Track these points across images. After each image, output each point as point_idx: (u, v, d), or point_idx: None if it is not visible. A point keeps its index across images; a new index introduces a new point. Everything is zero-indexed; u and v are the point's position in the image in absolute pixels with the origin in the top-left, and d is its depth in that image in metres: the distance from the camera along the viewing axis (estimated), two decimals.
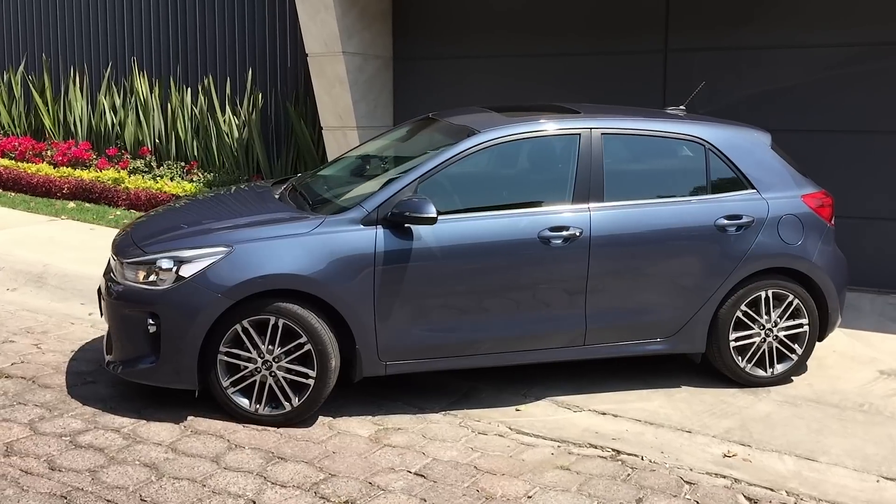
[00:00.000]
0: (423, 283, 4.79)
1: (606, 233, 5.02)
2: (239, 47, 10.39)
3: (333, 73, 8.64)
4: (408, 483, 4.18)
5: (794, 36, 7.50)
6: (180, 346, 4.57)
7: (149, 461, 4.24)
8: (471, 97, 8.88)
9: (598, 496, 4.13)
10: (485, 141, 5.00)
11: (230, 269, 4.57)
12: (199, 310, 4.53)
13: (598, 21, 8.29)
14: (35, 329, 6.18)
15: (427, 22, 9.08)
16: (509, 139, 5.06)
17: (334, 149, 8.97)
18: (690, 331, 5.26)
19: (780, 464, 4.54)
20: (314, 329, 4.64)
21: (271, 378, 4.67)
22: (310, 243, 4.68)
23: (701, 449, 4.68)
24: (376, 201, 4.79)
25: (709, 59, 7.86)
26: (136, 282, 4.70)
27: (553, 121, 5.23)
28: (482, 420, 4.96)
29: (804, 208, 5.40)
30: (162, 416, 4.74)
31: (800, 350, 5.44)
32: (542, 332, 5.03)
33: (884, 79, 7.21)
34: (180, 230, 4.93)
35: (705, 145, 5.34)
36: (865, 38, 7.25)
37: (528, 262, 4.94)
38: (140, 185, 9.93)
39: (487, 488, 4.16)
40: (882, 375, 5.68)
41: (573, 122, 5.22)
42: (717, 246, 5.19)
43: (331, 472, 4.25)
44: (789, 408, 5.17)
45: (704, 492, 4.21)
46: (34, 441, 4.39)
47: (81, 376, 5.28)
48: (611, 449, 4.64)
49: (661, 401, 5.24)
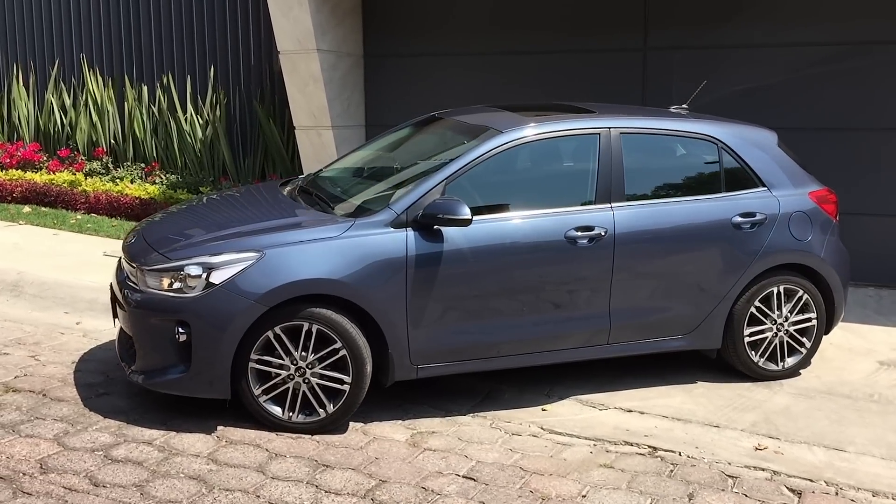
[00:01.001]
0: (454, 285, 4.75)
1: (629, 231, 5.06)
2: (199, 43, 10.12)
3: (307, 71, 8.49)
4: (460, 487, 4.13)
5: (773, 34, 7.69)
6: (212, 354, 4.42)
7: (193, 473, 4.10)
8: (445, 95, 8.85)
9: (650, 493, 4.16)
10: (510, 140, 4.98)
11: (263, 275, 4.44)
12: (232, 317, 4.39)
13: (577, 19, 8.34)
14: (25, 340, 5.91)
15: (398, 18, 9.01)
16: (534, 138, 5.06)
17: (308, 149, 8.83)
18: (708, 327, 5.34)
19: (811, 455, 4.65)
20: (349, 334, 4.55)
21: (305, 385, 4.56)
22: (342, 247, 4.58)
23: (732, 443, 4.76)
24: (405, 203, 4.72)
25: (688, 57, 7.99)
26: (160, 289, 4.53)
27: (573, 120, 5.25)
28: (512, 421, 4.95)
29: (812, 205, 5.54)
30: (190, 427, 4.58)
31: (808, 343, 5.58)
32: (568, 331, 5.04)
33: (860, 77, 7.45)
34: (204, 235, 4.77)
35: (718, 144, 5.43)
36: (842, 37, 7.48)
37: (555, 262, 4.94)
38: (99, 188, 9.58)
39: (540, 489, 4.15)
40: (882, 366, 5.86)
41: (592, 121, 5.24)
42: (733, 243, 5.29)
43: (381, 478, 4.18)
44: (805, 400, 5.30)
45: (749, 485, 4.28)
46: (67, 457, 4.19)
47: (93, 388, 5.07)
48: (647, 446, 4.68)
49: (681, 397, 5.31)
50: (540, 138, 5.09)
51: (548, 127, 5.12)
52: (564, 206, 5.03)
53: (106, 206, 9.43)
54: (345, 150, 8.86)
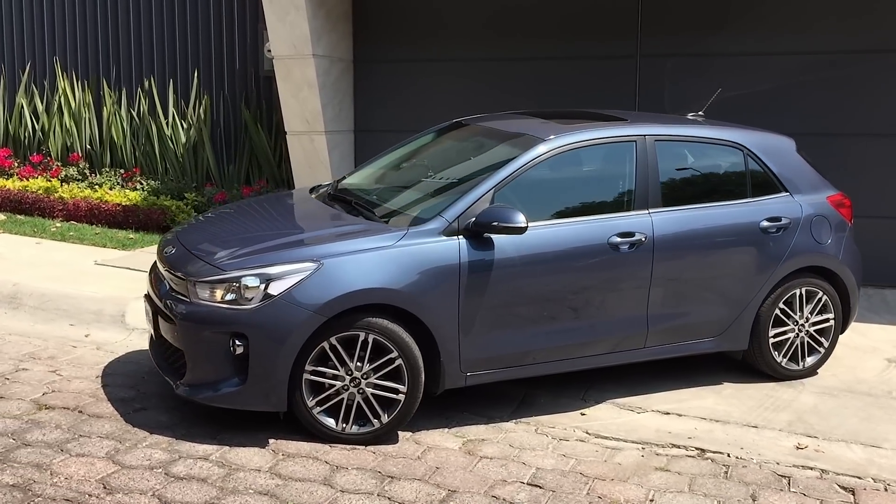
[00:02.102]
0: (503, 293, 4.77)
1: (666, 237, 5.15)
2: (181, 47, 9.93)
3: (302, 77, 8.41)
4: (529, 494, 4.16)
5: (762, 43, 7.89)
6: (270, 367, 4.36)
7: (262, 489, 4.04)
8: (434, 101, 8.87)
9: (714, 495, 4.24)
10: (554, 148, 5.03)
11: (321, 285, 4.40)
12: (291, 329, 4.34)
13: (570, 26, 8.43)
14: (39, 354, 5.74)
15: (388, 24, 8.98)
16: (575, 146, 5.11)
17: (299, 154, 8.74)
18: (736, 329, 5.47)
19: (850, 452, 4.79)
20: (405, 343, 4.54)
21: (359, 395, 4.53)
22: (396, 256, 4.57)
23: (773, 443, 4.88)
24: (456, 211, 4.72)
25: (680, 64, 8.15)
26: (212, 301, 4.45)
27: (610, 128, 5.33)
28: (556, 426, 4.99)
29: (830, 209, 5.72)
30: (242, 441, 4.51)
31: (826, 343, 5.75)
32: (609, 336, 5.11)
33: (848, 85, 7.70)
34: (252, 244, 4.69)
35: (744, 150, 5.57)
36: (828, 46, 7.72)
37: (599, 269, 5.01)
38: (77, 195, 9.34)
39: (608, 494, 4.20)
40: (891, 364, 6.07)
41: (628, 129, 5.33)
42: (761, 247, 5.42)
43: (448, 487, 4.17)
44: (830, 399, 5.46)
45: (804, 484, 4.39)
46: (127, 475, 4.09)
47: (128, 403, 4.95)
48: (694, 448, 4.77)
49: (713, 398, 5.42)
50: (581, 146, 5.14)
51: (588, 135, 5.18)
52: (605, 213, 5.10)
53: (86, 213, 9.18)
54: (336, 155, 8.82)
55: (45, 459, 4.20)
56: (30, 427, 4.56)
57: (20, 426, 4.57)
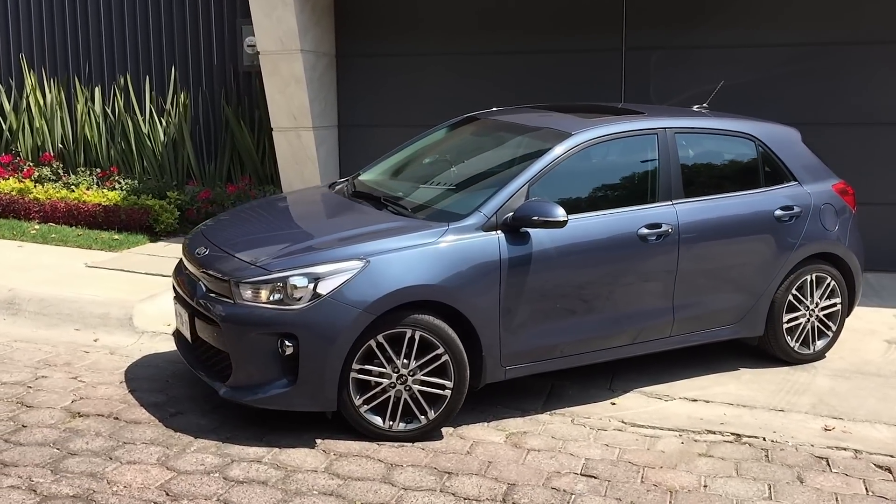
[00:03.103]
0: (541, 286, 4.82)
1: (690, 227, 5.25)
2: (155, 43, 9.74)
3: (289, 72, 8.32)
4: (587, 485, 4.22)
5: (744, 36, 8.08)
6: (321, 367, 4.34)
7: (326, 489, 4.02)
8: (419, 95, 8.88)
9: (763, 479, 4.35)
10: (583, 142, 5.09)
11: (369, 283, 4.39)
12: (341, 328, 4.32)
13: (555, 19, 8.50)
14: (53, 361, 5.60)
15: (370, 18, 8.94)
16: (602, 140, 5.18)
17: (286, 151, 8.66)
18: (753, 315, 5.61)
19: (876, 432, 4.96)
20: (451, 339, 4.56)
21: (406, 392, 4.54)
22: (440, 252, 4.58)
23: (802, 425, 5.02)
24: (493, 206, 4.75)
25: (665, 57, 8.30)
26: (257, 302, 4.40)
27: (633, 121, 5.41)
28: (591, 417, 5.06)
29: (836, 197, 5.90)
30: (290, 442, 4.48)
31: (834, 327, 5.94)
32: (640, 325, 5.20)
33: (825, 75, 7.93)
34: (293, 244, 4.65)
35: (756, 141, 5.71)
36: (808, 39, 7.94)
37: (630, 260, 5.09)
38: (53, 196, 9.08)
39: (662, 482, 4.28)
40: (891, 345, 6.29)
41: (650, 121, 5.42)
42: (776, 235, 5.57)
43: (507, 481, 4.21)
44: (844, 381, 5.64)
45: (843, 465, 4.54)
46: (186, 481, 4.03)
47: (162, 408, 4.87)
48: (729, 433, 4.89)
49: (734, 384, 5.55)
50: (607, 139, 5.21)
51: (613, 128, 5.25)
52: (632, 205, 5.18)
53: (64, 214, 8.94)
54: (323, 151, 8.76)
55: (98, 468, 4.12)
56: (70, 436, 4.46)
57: (60, 435, 4.47)
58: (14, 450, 4.29)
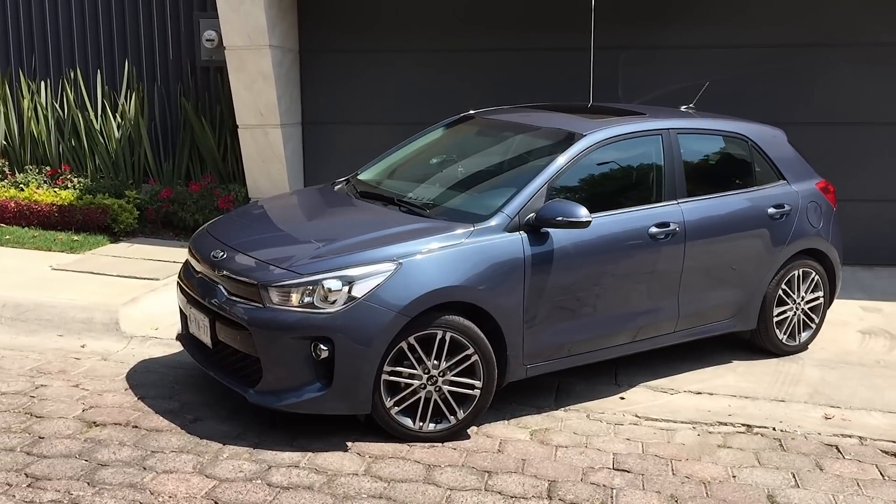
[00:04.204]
0: (561, 285, 4.88)
1: (695, 226, 5.40)
2: (105, 36, 9.40)
3: (256, 68, 8.17)
4: (624, 479, 4.30)
5: (712, 36, 8.30)
6: (356, 370, 4.30)
7: (373, 492, 4.00)
8: (386, 92, 8.83)
9: (785, 467, 4.52)
10: (597, 142, 5.17)
11: (403, 285, 4.37)
12: (377, 330, 4.29)
13: (525, 17, 8.55)
14: (46, 369, 5.39)
15: (334, 13, 8.81)
16: (613, 140, 5.27)
17: (252, 149, 8.49)
18: (747, 310, 5.80)
19: (872, 419, 5.20)
20: (480, 339, 4.58)
21: (436, 393, 4.54)
22: (468, 253, 4.59)
23: (804, 415, 5.22)
24: (515, 207, 4.79)
25: (633, 56, 8.46)
26: (289, 306, 4.33)
27: (639, 121, 5.53)
28: (605, 412, 5.16)
29: (819, 195, 6.14)
30: (321, 446, 4.44)
31: (817, 319, 6.19)
32: (649, 322, 5.32)
33: (787, 75, 8.22)
34: (320, 245, 4.58)
35: (748, 141, 5.90)
36: (776, 39, 8.20)
37: (642, 258, 5.20)
38: (2, 195, 8.69)
39: (693, 473, 4.40)
40: (866, 335, 6.57)
41: (653, 122, 5.54)
42: (770, 232, 5.77)
43: (547, 478, 4.27)
44: (830, 371, 5.88)
45: (853, 452, 4.74)
46: (233, 489, 3.95)
47: (178, 415, 4.75)
48: (740, 424, 5.05)
49: (731, 376, 5.73)
50: (617, 140, 5.31)
51: (623, 128, 5.36)
52: (641, 205, 5.29)
53: (14, 214, 8.56)
54: (290, 149, 8.63)
55: (135, 479, 3.99)
56: (93, 446, 4.31)
57: (83, 446, 4.31)
58: (41, 462, 4.12)
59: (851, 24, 8.14)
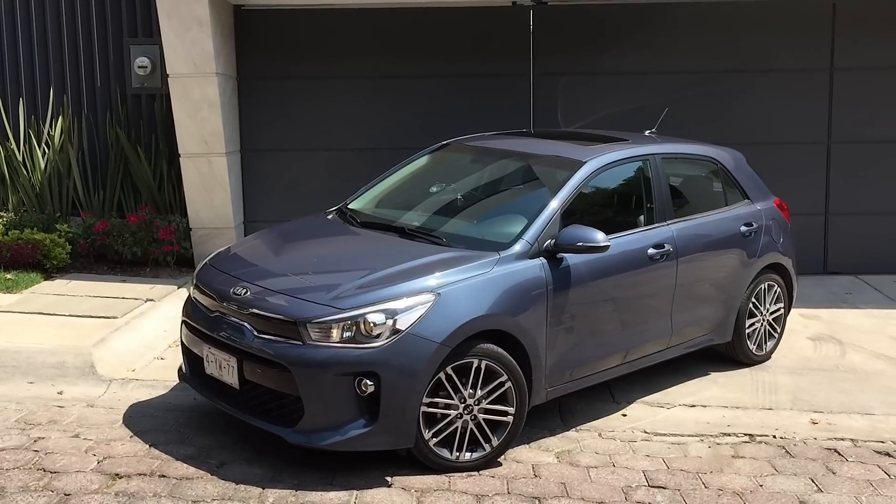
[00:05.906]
0: (579, 308, 5.01)
1: (684, 245, 5.64)
2: (26, 65, 8.93)
3: (202, 96, 7.95)
4: (665, 496, 4.44)
5: (646, 63, 8.67)
6: (402, 404, 4.28)
7: None
8: (326, 118, 8.78)
9: (801, 473, 4.77)
10: (597, 168, 5.34)
11: (443, 316, 4.38)
12: (422, 363, 4.29)
13: (466, 44, 8.68)
14: (33, 420, 5.10)
15: (271, 39, 8.70)
16: (611, 166, 5.46)
17: (194, 178, 8.24)
18: (725, 324, 6.09)
19: (853, 422, 5.55)
20: (513, 365, 4.64)
21: (472, 422, 4.56)
22: (497, 281, 4.65)
23: (793, 421, 5.52)
24: (534, 233, 4.89)
25: (571, 82, 8.73)
26: (329, 342, 4.27)
27: (629, 147, 5.74)
28: (614, 430, 5.30)
29: (777, 212, 6.52)
30: (362, 483, 4.38)
31: (780, 329, 6.57)
32: (649, 339, 5.53)
33: (719, 100, 8.69)
34: (352, 279, 4.53)
35: (718, 164, 6.21)
36: (703, 66, 8.67)
37: (643, 278, 5.40)
38: None
39: (724, 486, 4.59)
40: (816, 342, 6.97)
41: (640, 148, 5.77)
42: (743, 249, 6.09)
43: (594, 499, 4.36)
44: (800, 377, 6.23)
45: (853, 454, 5.06)
46: None
47: (201, 460, 4.59)
48: (742, 434, 5.29)
49: (715, 388, 5.99)
50: (614, 165, 5.50)
51: (618, 154, 5.56)
52: (637, 227, 5.49)
53: None
54: (233, 177, 8.44)
55: None
56: (128, 500, 4.11)
57: (118, 500, 4.10)
58: None
59: (767, 52, 8.69)
